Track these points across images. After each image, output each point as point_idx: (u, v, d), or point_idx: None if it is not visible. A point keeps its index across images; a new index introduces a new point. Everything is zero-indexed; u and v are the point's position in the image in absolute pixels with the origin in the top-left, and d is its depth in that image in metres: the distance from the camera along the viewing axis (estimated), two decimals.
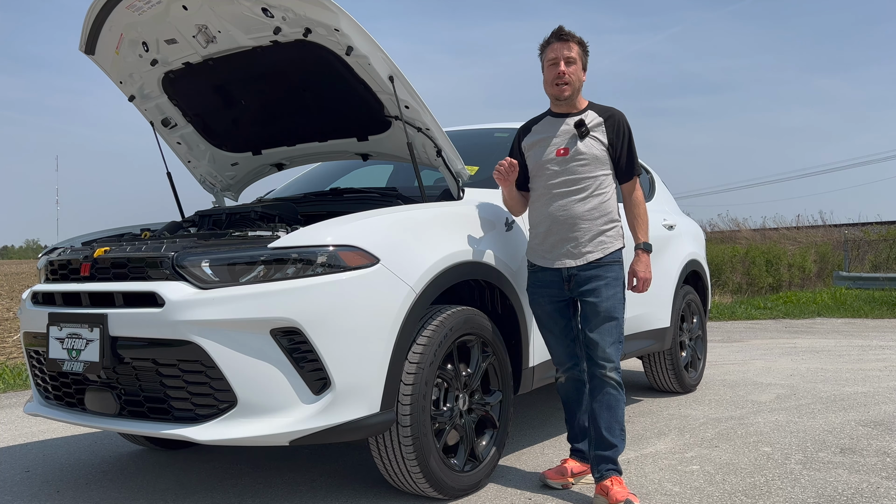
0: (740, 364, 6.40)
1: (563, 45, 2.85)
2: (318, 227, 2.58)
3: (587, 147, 2.85)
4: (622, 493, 2.68)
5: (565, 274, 2.86)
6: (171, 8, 2.95)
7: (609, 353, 2.81)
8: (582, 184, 2.85)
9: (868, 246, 18.75)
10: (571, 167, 2.85)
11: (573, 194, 2.85)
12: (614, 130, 2.89)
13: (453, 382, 2.82)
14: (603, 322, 2.81)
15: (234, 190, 4.03)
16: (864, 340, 8.14)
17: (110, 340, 2.54)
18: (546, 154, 2.90)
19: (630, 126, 2.95)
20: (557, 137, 2.89)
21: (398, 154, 3.50)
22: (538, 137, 2.95)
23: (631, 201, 2.96)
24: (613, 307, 2.82)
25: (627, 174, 2.94)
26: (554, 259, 2.87)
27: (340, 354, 2.45)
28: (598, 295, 2.81)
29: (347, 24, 2.78)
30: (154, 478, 3.20)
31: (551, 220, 2.87)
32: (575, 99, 2.91)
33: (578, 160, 2.85)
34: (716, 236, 20.95)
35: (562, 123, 2.91)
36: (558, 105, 2.94)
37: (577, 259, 2.83)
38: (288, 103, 3.40)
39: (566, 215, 2.84)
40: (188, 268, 2.50)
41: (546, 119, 2.98)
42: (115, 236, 3.26)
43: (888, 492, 2.87)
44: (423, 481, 2.68)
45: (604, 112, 2.92)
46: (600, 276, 2.82)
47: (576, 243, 2.83)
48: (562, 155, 2.87)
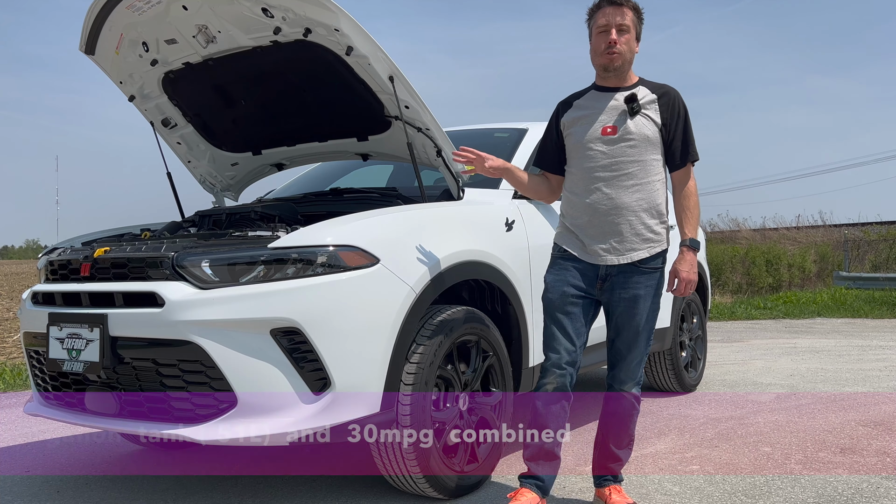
0: (740, 364, 6.40)
1: (616, 9, 2.51)
2: (318, 227, 2.58)
3: (637, 126, 2.52)
4: (622, 502, 2.65)
5: (602, 272, 2.56)
6: (171, 8, 2.95)
7: (636, 369, 2.61)
8: (630, 168, 2.52)
9: (868, 246, 18.75)
10: (619, 148, 2.52)
11: (620, 180, 2.52)
12: (669, 109, 2.56)
13: (453, 382, 2.82)
14: (636, 336, 2.57)
15: (234, 190, 4.03)
16: (864, 340, 8.14)
17: (110, 340, 2.54)
18: (590, 133, 2.55)
19: (687, 106, 2.61)
20: (604, 114, 2.55)
21: (398, 154, 3.50)
22: (582, 113, 2.60)
23: (683, 191, 2.62)
24: (650, 320, 2.59)
25: (682, 160, 2.60)
26: (593, 254, 2.56)
27: (340, 354, 2.45)
28: (636, 306, 2.55)
29: (347, 24, 2.78)
30: (154, 478, 3.20)
31: (592, 210, 2.55)
32: (626, 72, 2.57)
33: (628, 140, 2.52)
34: (716, 236, 20.96)
35: (609, 98, 2.57)
36: (605, 78, 2.59)
37: (621, 257, 2.53)
38: (288, 103, 3.40)
39: (611, 205, 2.52)
40: (188, 268, 2.50)
41: (591, 93, 2.63)
42: (115, 236, 3.27)
43: (888, 492, 2.87)
44: (423, 481, 2.68)
45: (658, 89, 2.59)
46: (641, 283, 2.55)
47: (620, 238, 2.52)
48: (608, 134, 2.53)
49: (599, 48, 2.54)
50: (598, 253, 2.55)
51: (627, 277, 2.55)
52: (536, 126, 3.95)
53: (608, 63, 2.53)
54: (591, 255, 2.57)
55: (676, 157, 2.60)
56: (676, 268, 2.58)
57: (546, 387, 2.56)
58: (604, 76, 2.60)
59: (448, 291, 2.86)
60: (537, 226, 3.35)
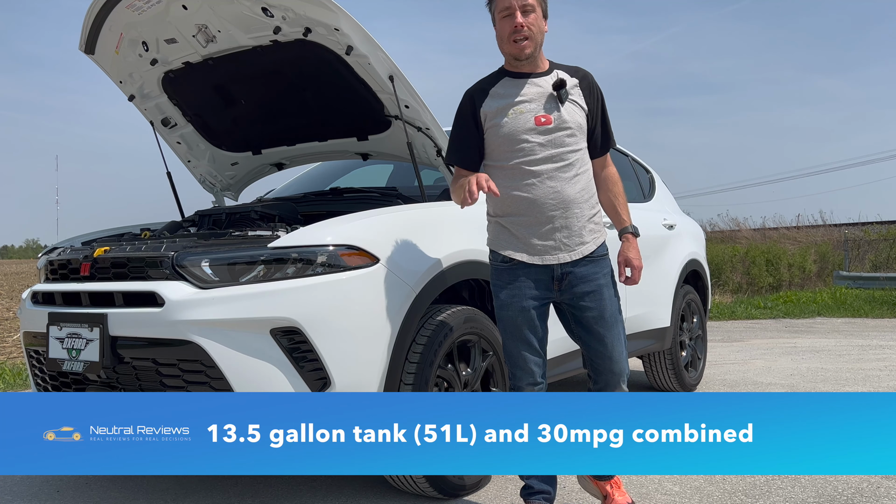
0: (740, 364, 6.40)
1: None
2: (318, 226, 2.58)
3: (570, 113, 2.38)
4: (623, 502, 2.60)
5: (557, 272, 2.41)
6: (170, 7, 2.95)
7: (622, 365, 2.48)
8: (570, 158, 2.38)
9: (868, 246, 18.74)
10: (557, 138, 2.37)
11: (561, 172, 2.37)
12: (589, 93, 2.44)
13: (453, 382, 2.82)
14: (611, 329, 2.44)
15: (234, 189, 4.03)
16: (865, 340, 8.14)
17: (110, 340, 2.54)
18: (521, 123, 2.37)
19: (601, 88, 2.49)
20: (531, 102, 2.38)
21: (398, 154, 3.50)
22: (503, 102, 2.40)
23: (608, 177, 2.53)
24: (616, 309, 2.47)
25: (603, 147, 2.50)
26: (543, 253, 2.39)
27: (340, 354, 2.45)
28: (600, 298, 2.43)
29: (347, 23, 2.78)
30: (154, 478, 3.20)
31: (535, 206, 2.37)
32: (537, 56, 2.42)
33: (564, 129, 2.37)
34: (716, 236, 20.94)
35: (530, 84, 2.41)
36: (518, 65, 2.42)
37: (572, 252, 2.39)
38: (288, 103, 3.40)
39: (557, 199, 2.37)
40: (188, 267, 2.50)
41: (505, 80, 2.45)
42: (115, 236, 3.27)
43: (888, 491, 2.87)
44: (423, 481, 2.68)
45: (575, 73, 2.45)
46: (597, 273, 2.43)
47: (569, 232, 2.39)
48: (543, 123, 2.36)
49: (505, 33, 2.37)
50: (547, 251, 2.39)
51: (585, 269, 2.42)
52: None
53: (518, 52, 2.37)
54: (540, 256, 2.40)
55: (598, 143, 2.49)
56: (627, 255, 2.48)
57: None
58: (515, 64, 2.43)
59: (448, 291, 2.86)
60: None
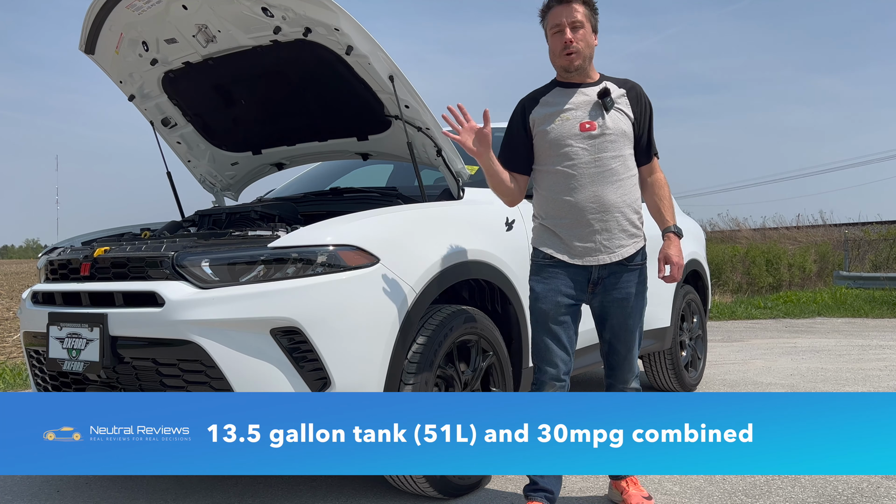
0: (740, 364, 6.40)
1: (565, 7, 2.48)
2: (318, 226, 2.58)
3: (614, 121, 2.50)
4: (637, 497, 2.66)
5: (594, 275, 2.52)
6: (171, 7, 2.95)
7: (635, 366, 2.65)
8: (613, 164, 2.49)
9: (868, 245, 18.74)
10: (601, 144, 2.48)
11: (604, 178, 2.48)
12: (637, 103, 2.56)
13: (453, 382, 2.82)
14: (631, 334, 2.59)
15: (234, 189, 4.03)
16: (865, 340, 8.14)
17: (110, 340, 2.54)
18: (567, 129, 2.50)
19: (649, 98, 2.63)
20: (578, 110, 2.51)
21: (398, 154, 3.50)
22: (552, 110, 2.54)
23: (655, 182, 2.63)
24: (641, 317, 2.61)
25: (647, 154, 2.61)
26: (584, 254, 2.51)
27: (340, 354, 2.45)
28: (629, 305, 2.55)
29: (347, 23, 2.78)
30: (154, 478, 3.20)
31: (577, 210, 2.49)
32: (587, 68, 2.55)
33: (608, 136, 2.49)
34: (716, 236, 20.94)
35: (576, 93, 2.53)
36: (568, 76, 2.56)
37: (611, 254, 2.50)
38: (288, 103, 3.40)
39: (598, 204, 2.48)
40: (188, 267, 2.50)
41: (556, 89, 2.58)
42: (115, 236, 3.27)
43: (888, 491, 2.87)
44: (423, 481, 2.68)
45: (623, 83, 2.58)
46: (631, 281, 2.55)
47: (609, 235, 2.50)
48: (588, 130, 2.48)
49: (557, 49, 2.52)
50: (588, 253, 2.51)
51: (618, 277, 2.54)
52: None
53: (568, 64, 2.51)
54: (580, 257, 2.52)
55: (643, 151, 2.60)
56: (667, 252, 2.56)
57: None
58: (566, 76, 2.57)
59: (448, 291, 2.86)
60: None
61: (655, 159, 2.64)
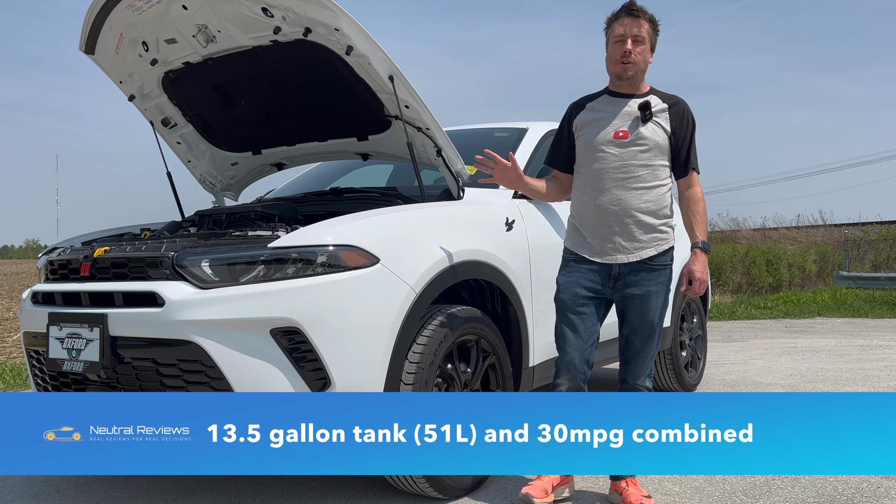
0: (740, 364, 6.40)
1: (634, 21, 2.61)
2: (318, 226, 2.58)
3: (650, 132, 2.62)
4: (637, 497, 2.67)
5: (614, 271, 2.65)
6: (170, 8, 2.95)
7: (649, 364, 2.72)
8: (640, 172, 2.62)
9: (868, 246, 18.74)
10: (630, 152, 2.61)
11: (629, 183, 2.61)
12: (679, 119, 2.67)
13: (453, 382, 2.82)
14: (649, 333, 2.67)
15: (234, 190, 4.03)
16: (865, 340, 8.14)
17: (110, 340, 2.54)
18: (602, 135, 2.64)
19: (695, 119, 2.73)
20: (617, 119, 2.64)
21: (398, 154, 3.50)
22: (594, 116, 2.69)
23: (690, 196, 2.72)
24: (660, 317, 2.69)
25: (685, 168, 2.71)
26: (603, 253, 2.65)
27: (340, 354, 2.45)
28: (648, 303, 2.64)
29: (347, 23, 2.78)
30: (154, 478, 3.20)
31: (601, 211, 2.64)
32: (638, 81, 2.68)
33: (639, 145, 2.61)
34: (716, 236, 20.94)
35: (622, 103, 2.66)
36: (619, 85, 2.68)
37: (630, 255, 2.62)
38: (288, 103, 3.40)
39: (620, 207, 2.62)
40: (188, 267, 2.50)
41: (604, 97, 2.72)
42: (115, 236, 3.26)
43: (888, 491, 2.87)
44: (423, 481, 2.68)
45: (669, 99, 2.70)
46: (652, 280, 2.64)
47: (629, 236, 2.62)
48: (620, 137, 2.62)
49: (615, 56, 2.63)
50: (608, 252, 2.64)
51: (638, 275, 2.64)
52: (536, 126, 3.95)
53: (622, 72, 2.63)
54: (602, 255, 2.66)
55: (681, 164, 2.71)
56: (690, 268, 2.65)
57: (560, 387, 2.69)
58: (617, 83, 2.69)
59: (448, 291, 2.86)
60: (537, 225, 3.35)
61: (694, 174, 2.73)
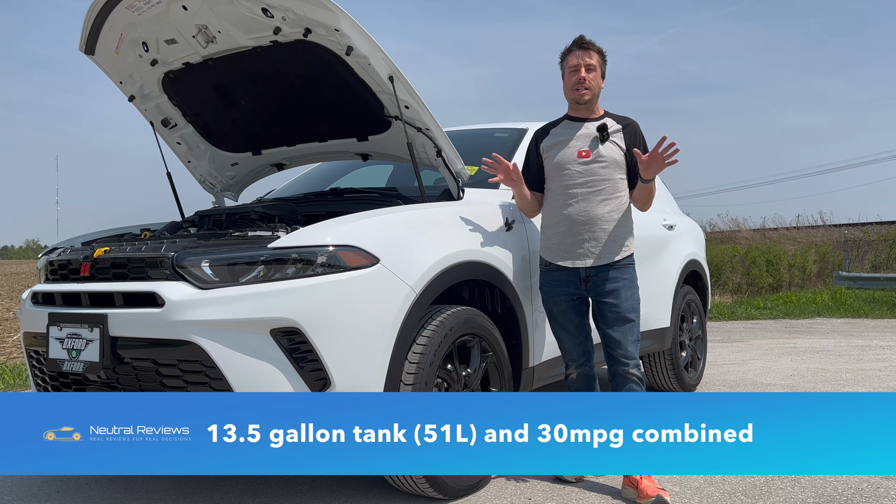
0: (740, 364, 6.40)
1: (584, 52, 2.98)
2: (318, 227, 2.58)
3: (608, 150, 2.97)
4: (652, 489, 2.74)
5: (583, 274, 2.95)
6: (171, 8, 2.95)
7: (631, 350, 2.92)
8: (602, 185, 2.95)
9: (868, 246, 18.74)
10: (593, 168, 2.95)
11: (593, 195, 2.95)
12: (632, 138, 3.02)
13: (453, 382, 2.82)
14: (624, 322, 2.92)
15: (234, 190, 4.03)
16: (864, 340, 8.14)
17: (110, 340, 2.54)
18: (566, 155, 2.99)
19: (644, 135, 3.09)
20: (578, 140, 3.00)
21: (398, 154, 3.50)
22: (558, 139, 3.04)
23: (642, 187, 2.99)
24: (632, 307, 2.95)
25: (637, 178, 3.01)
26: (573, 258, 2.96)
27: (340, 354, 2.45)
28: (618, 296, 2.93)
29: (347, 24, 2.78)
30: (154, 478, 3.20)
31: (570, 221, 2.95)
32: (594, 104, 3.03)
33: (600, 162, 2.95)
34: (716, 236, 20.94)
35: (581, 127, 3.02)
36: (577, 109, 3.04)
37: (597, 260, 2.93)
38: (288, 103, 3.40)
39: (587, 216, 2.94)
40: (188, 268, 2.50)
41: (565, 122, 3.08)
42: (115, 236, 3.26)
43: (888, 492, 2.87)
44: (423, 481, 2.68)
45: (621, 120, 3.05)
46: (619, 277, 2.94)
47: (596, 243, 2.93)
48: (583, 156, 2.97)
49: (571, 84, 2.99)
50: (578, 257, 2.95)
51: (606, 274, 2.94)
52: (536, 126, 3.94)
53: (579, 97, 2.98)
54: (573, 260, 2.96)
55: (636, 176, 3.00)
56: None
57: (571, 376, 3.08)
58: (575, 108, 3.05)
59: (448, 291, 2.86)
60: (537, 226, 3.35)
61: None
